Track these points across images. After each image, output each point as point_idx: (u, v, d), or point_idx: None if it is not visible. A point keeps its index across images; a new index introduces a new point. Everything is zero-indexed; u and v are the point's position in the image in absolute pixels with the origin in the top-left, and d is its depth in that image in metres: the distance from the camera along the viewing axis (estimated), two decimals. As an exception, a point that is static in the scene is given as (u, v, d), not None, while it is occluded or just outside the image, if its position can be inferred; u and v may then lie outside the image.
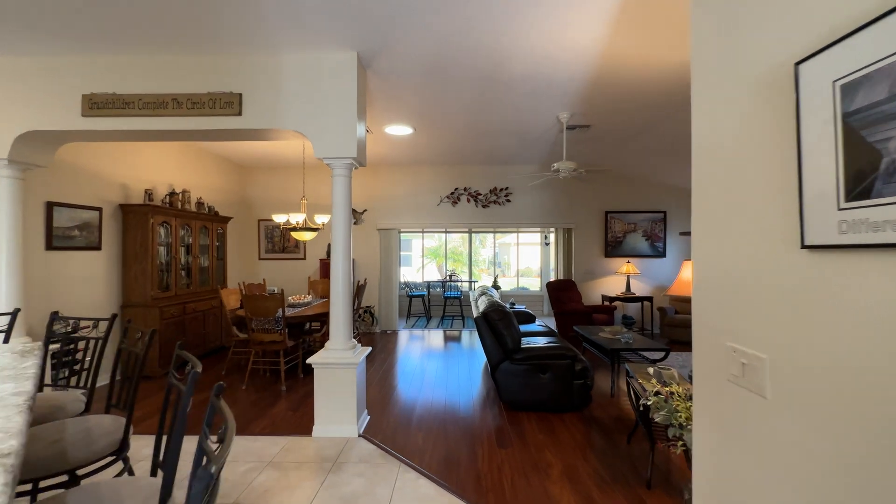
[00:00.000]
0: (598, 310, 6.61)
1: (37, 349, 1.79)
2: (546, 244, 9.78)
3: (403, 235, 10.41)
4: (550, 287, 6.89)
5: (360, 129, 3.25)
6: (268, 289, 6.62)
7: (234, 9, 2.53)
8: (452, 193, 7.23)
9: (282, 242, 7.34)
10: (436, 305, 9.16)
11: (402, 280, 9.03)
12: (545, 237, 9.82)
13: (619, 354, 4.14)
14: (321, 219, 5.27)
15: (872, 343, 0.71)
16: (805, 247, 0.84)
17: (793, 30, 0.88)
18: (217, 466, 0.83)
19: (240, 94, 3.10)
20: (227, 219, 6.19)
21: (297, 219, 5.15)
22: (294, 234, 5.22)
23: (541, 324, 5.64)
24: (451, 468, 2.73)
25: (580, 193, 7.22)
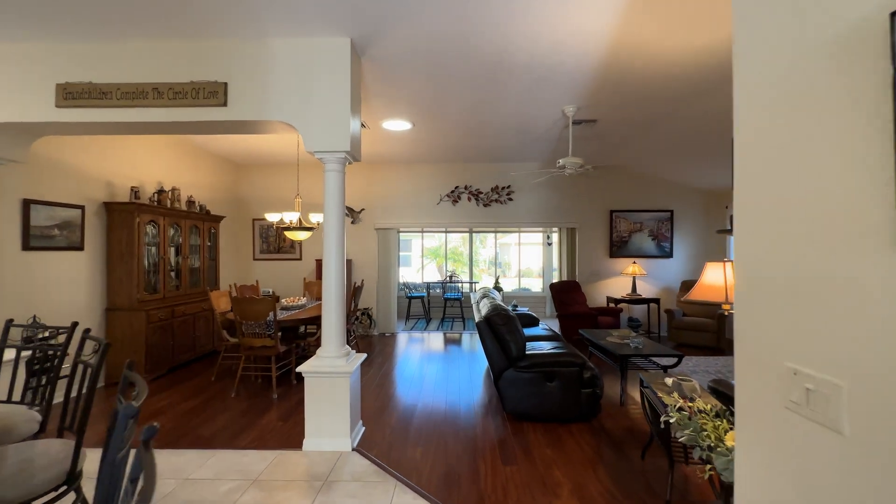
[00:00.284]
0: (604, 312, 6.41)
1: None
2: (549, 244, 9.58)
3: (402, 235, 10.21)
4: (554, 289, 6.68)
5: (354, 121, 3.04)
6: (261, 290, 6.42)
7: (216, -12, 2.33)
8: (453, 192, 7.01)
9: (277, 242, 7.12)
10: (436, 307, 8.95)
11: (401, 281, 8.82)
12: (547, 237, 9.62)
13: (628, 360, 3.94)
14: (316, 217, 5.06)
15: None
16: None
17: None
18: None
19: (225, 83, 2.89)
20: (220, 218, 5.98)
21: (291, 217, 4.94)
22: (288, 234, 5.00)
23: (544, 327, 5.43)
24: (452, 488, 2.52)
25: (584, 192, 7.01)
